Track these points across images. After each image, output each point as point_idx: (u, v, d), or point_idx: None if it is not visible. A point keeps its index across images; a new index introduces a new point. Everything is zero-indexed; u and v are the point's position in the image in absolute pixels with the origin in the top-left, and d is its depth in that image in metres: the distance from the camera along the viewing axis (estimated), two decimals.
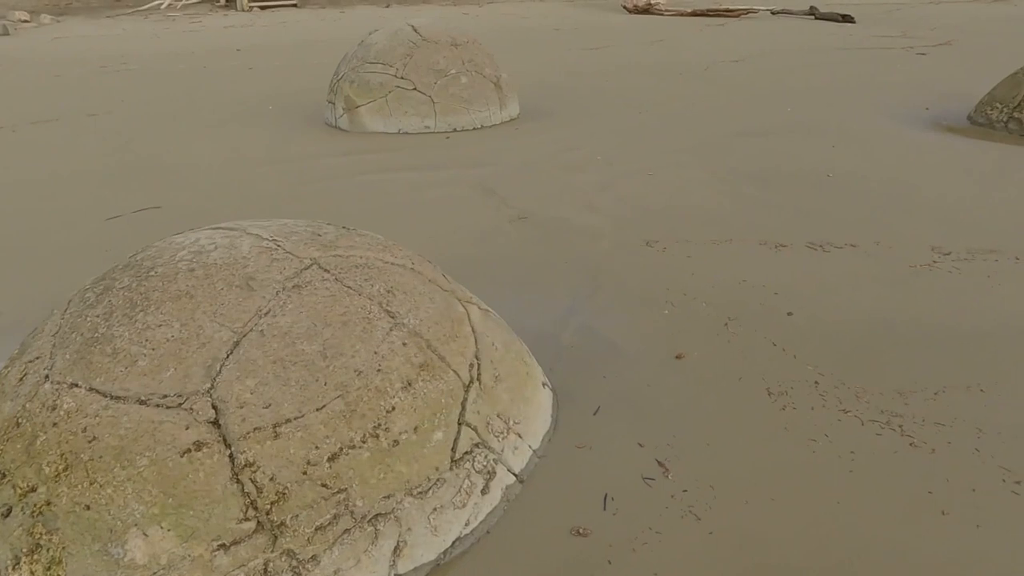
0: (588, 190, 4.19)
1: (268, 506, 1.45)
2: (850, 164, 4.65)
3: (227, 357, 1.57)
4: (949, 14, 14.50)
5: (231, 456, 1.47)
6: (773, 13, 15.09)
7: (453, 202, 4.03)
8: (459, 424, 1.74)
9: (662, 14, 15.40)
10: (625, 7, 16.11)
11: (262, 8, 16.43)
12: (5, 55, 10.70)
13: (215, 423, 1.49)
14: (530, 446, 1.92)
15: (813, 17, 14.55)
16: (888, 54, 9.75)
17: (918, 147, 5.08)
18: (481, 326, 2.01)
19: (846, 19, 13.78)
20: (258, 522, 1.45)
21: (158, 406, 1.50)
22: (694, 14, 15.05)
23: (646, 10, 15.68)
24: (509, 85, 6.28)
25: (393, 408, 1.64)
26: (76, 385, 1.54)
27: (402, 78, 5.78)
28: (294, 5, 16.90)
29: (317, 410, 1.55)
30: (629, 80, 8.00)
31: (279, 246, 1.85)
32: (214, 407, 1.51)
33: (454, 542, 1.64)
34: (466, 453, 1.73)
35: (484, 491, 1.72)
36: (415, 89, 5.77)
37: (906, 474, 1.84)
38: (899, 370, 2.32)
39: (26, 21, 15.19)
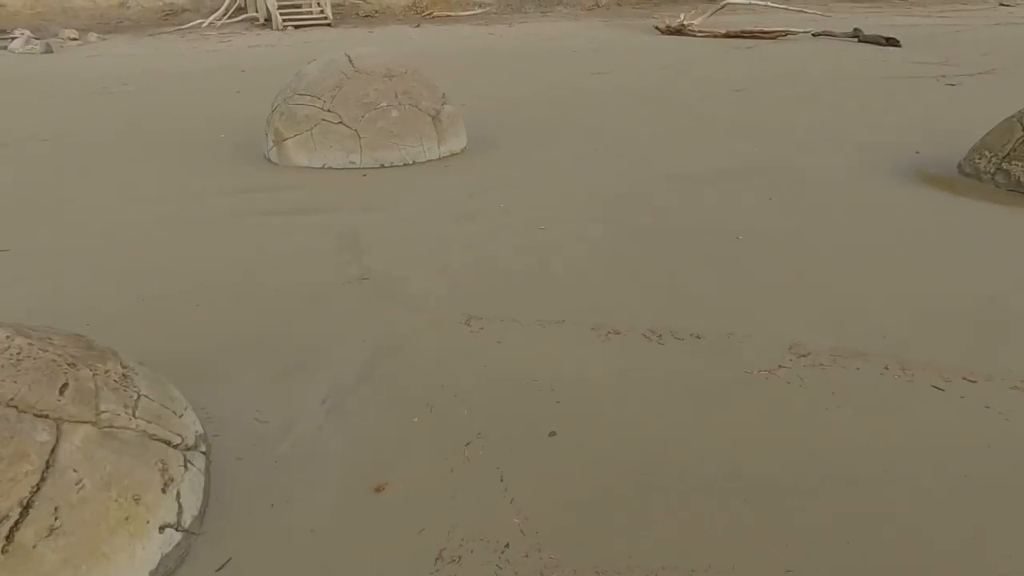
0: (456, 247, 3.78)
1: None
2: (774, 223, 4.06)
3: None
4: (1011, 39, 13.24)
5: None
6: (814, 35, 14.21)
7: (301, 256, 3.70)
8: None
9: (695, 35, 14.75)
10: (658, 28, 15.54)
11: (296, 27, 16.71)
12: (26, 73, 11.15)
13: None
14: None
15: (857, 40, 13.60)
16: (914, 84, 8.87)
17: (870, 204, 4.42)
18: (69, 459, 1.66)
19: (890, 42, 12.78)
20: None
21: None
22: (728, 35, 14.33)
23: (679, 31, 15.06)
24: (452, 118, 5.93)
25: None
26: None
27: (329, 111, 5.52)
28: (328, 24, 17.13)
29: None
30: (608, 111, 7.50)
31: None
32: None
33: None
34: None
35: None
36: (341, 123, 5.49)
37: None
38: (633, 548, 1.82)
39: (74, 39, 15.93)
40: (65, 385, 1.83)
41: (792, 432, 2.20)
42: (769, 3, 15.42)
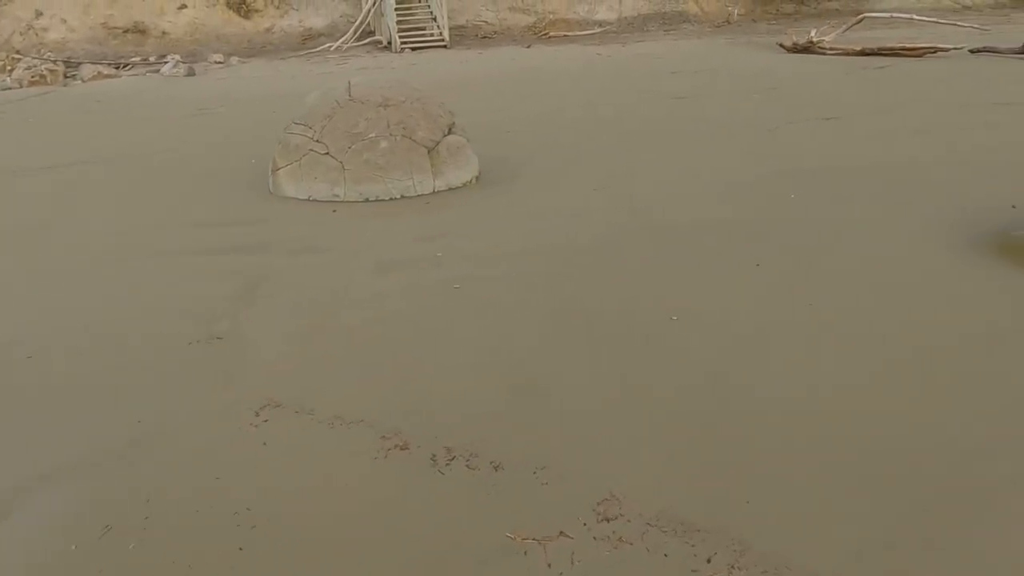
0: (343, 305, 3.36)
1: None
2: (735, 303, 3.22)
3: None
4: None
5: None
6: (972, 52, 12.13)
7: (178, 305, 3.45)
8: None
9: (824, 53, 13.18)
10: (783, 45, 14.09)
11: (413, 49, 17.16)
12: (156, 94, 12.29)
13: None
14: None
15: None
16: None
17: (893, 283, 3.40)
18: None
19: None
20: None
21: None
22: (863, 53, 12.64)
23: (806, 49, 13.54)
24: (454, 150, 5.52)
25: None
26: None
27: (317, 141, 5.34)
28: (444, 46, 17.42)
29: None
30: (658, 143, 6.70)
31: None
32: None
33: None
34: None
35: None
36: (327, 153, 5.29)
37: None
38: None
39: (219, 63, 17.50)
40: None
41: None
42: (915, 16, 13.41)
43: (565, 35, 18.15)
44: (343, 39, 18.14)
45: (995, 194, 4.71)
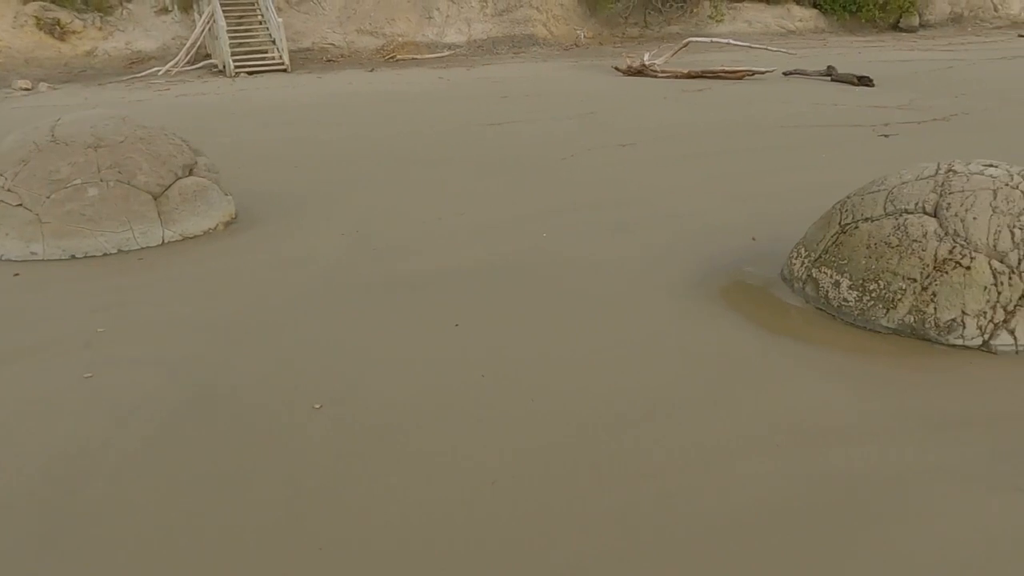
0: None
1: None
2: (405, 380, 2.81)
3: None
4: (1004, 76, 11.49)
5: None
6: (785, 74, 12.77)
7: None
8: None
9: (656, 75, 13.50)
10: (618, 68, 14.36)
11: (250, 73, 16.21)
12: None
13: None
14: None
15: (830, 79, 12.11)
16: (844, 136, 7.41)
17: (614, 327, 3.10)
18: None
19: (863, 82, 11.28)
20: None
21: None
22: (690, 75, 13.04)
23: (640, 72, 13.84)
24: (192, 194, 4.86)
25: None
26: None
27: (9, 190, 4.55)
28: (284, 70, 16.58)
29: None
30: (444, 177, 6.31)
31: None
32: None
33: None
34: None
35: None
36: (20, 204, 4.50)
37: None
38: None
39: (27, 89, 15.80)
40: None
41: None
42: (731, 41, 14.03)
43: (414, 58, 17.77)
44: (173, 63, 16.89)
45: (741, 226, 4.62)
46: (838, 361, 2.87)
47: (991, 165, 3.11)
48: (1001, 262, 2.75)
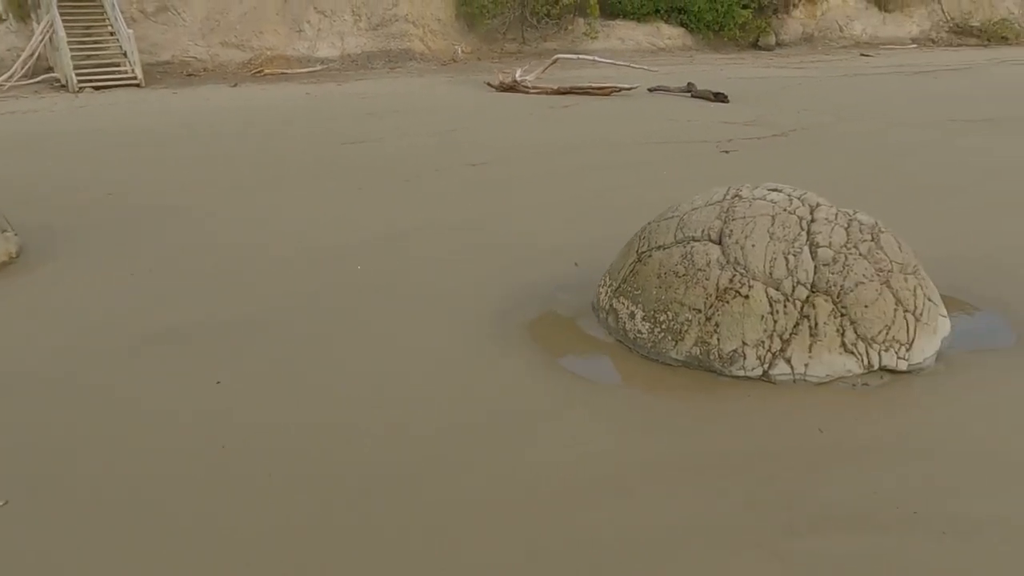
0: None
1: None
2: (136, 456, 2.43)
3: None
4: (844, 91, 12.31)
5: None
6: (650, 90, 13.13)
7: None
8: None
9: (527, 92, 13.53)
10: (490, 84, 14.32)
11: (96, 88, 14.96)
12: None
13: None
14: None
15: (690, 95, 12.55)
16: (687, 152, 7.57)
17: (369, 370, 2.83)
18: None
19: (718, 98, 11.73)
20: None
21: None
22: (559, 92, 13.15)
23: (512, 87, 13.84)
24: None
25: None
26: None
27: None
28: (137, 84, 15.43)
29: None
30: (279, 202, 5.86)
31: None
32: None
33: None
34: None
35: None
36: None
37: None
38: None
39: None
40: None
41: None
42: (597, 58, 14.34)
43: (283, 73, 17.02)
44: (7, 75, 15.33)
45: (576, 248, 4.51)
46: (626, 401, 2.73)
47: (775, 189, 3.10)
48: (777, 290, 2.72)
